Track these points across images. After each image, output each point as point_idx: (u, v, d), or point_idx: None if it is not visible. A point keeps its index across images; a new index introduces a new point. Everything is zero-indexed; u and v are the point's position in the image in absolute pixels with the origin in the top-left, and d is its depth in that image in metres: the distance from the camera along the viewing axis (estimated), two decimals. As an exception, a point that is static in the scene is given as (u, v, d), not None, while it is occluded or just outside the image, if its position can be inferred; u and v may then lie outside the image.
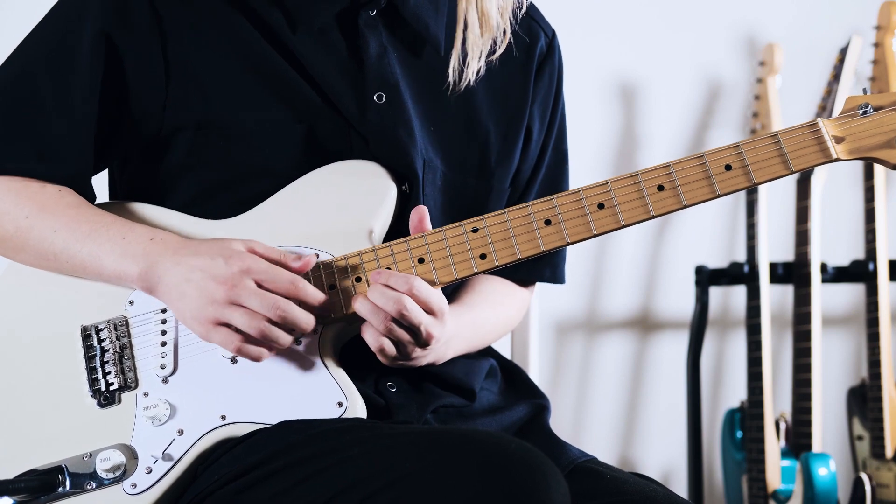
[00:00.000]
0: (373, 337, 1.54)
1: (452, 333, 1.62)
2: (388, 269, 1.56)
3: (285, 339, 1.51)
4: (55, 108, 1.62)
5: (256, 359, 1.52)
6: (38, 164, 1.62)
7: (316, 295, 1.53)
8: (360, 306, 1.53)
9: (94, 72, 1.62)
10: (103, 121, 1.64)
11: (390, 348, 1.54)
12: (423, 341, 1.54)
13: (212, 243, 1.55)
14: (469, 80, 1.70)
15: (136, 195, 1.69)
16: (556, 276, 1.84)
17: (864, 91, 1.61)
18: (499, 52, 1.72)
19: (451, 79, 1.69)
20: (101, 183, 1.74)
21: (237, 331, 1.51)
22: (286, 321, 1.50)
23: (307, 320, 1.51)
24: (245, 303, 1.50)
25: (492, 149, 1.73)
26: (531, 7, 1.79)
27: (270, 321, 1.50)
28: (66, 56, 1.62)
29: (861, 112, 1.59)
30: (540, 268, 1.82)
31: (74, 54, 1.62)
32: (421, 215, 1.58)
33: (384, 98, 1.65)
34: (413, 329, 1.53)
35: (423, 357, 1.59)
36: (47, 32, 1.65)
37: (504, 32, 1.72)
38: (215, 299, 1.50)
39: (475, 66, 1.70)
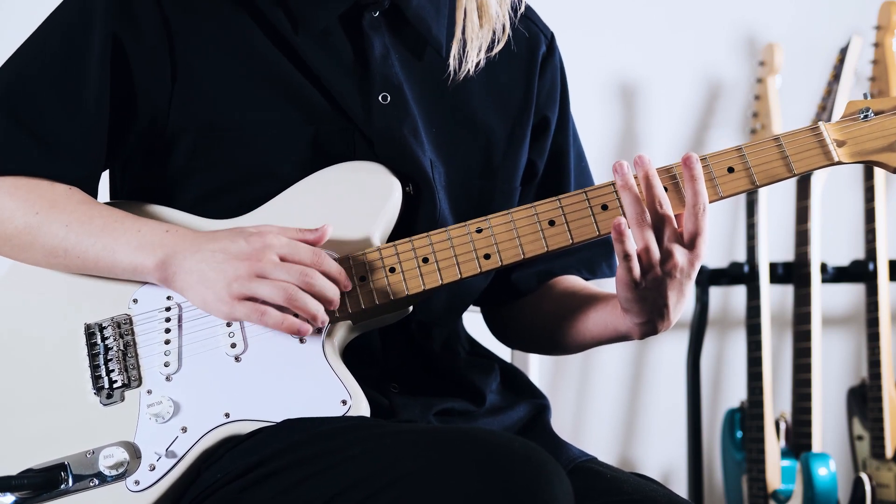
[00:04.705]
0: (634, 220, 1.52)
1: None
2: (393, 268, 1.56)
3: (315, 305, 1.51)
4: (66, 110, 1.61)
5: (297, 331, 1.52)
6: (48, 165, 1.62)
7: (335, 266, 1.54)
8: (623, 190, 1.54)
9: (104, 74, 1.61)
10: (113, 122, 1.63)
11: (654, 246, 1.52)
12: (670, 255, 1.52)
13: (228, 230, 1.56)
14: (468, 71, 1.69)
15: (139, 197, 1.68)
16: (612, 268, 1.82)
17: (865, 95, 1.63)
18: (498, 47, 1.72)
19: (451, 68, 1.69)
20: (101, 185, 1.74)
21: (263, 303, 1.51)
22: (313, 289, 1.51)
23: (332, 290, 1.53)
24: (271, 275, 1.51)
25: (495, 148, 1.73)
26: (529, 10, 1.79)
27: (298, 289, 1.51)
28: (76, 57, 1.62)
29: (862, 116, 1.60)
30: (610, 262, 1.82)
31: (84, 55, 1.61)
32: None
33: (388, 99, 1.66)
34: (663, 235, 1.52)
35: (676, 301, 1.58)
36: (54, 31, 1.65)
37: (504, 27, 1.72)
38: (239, 275, 1.51)
39: (474, 57, 1.69)
